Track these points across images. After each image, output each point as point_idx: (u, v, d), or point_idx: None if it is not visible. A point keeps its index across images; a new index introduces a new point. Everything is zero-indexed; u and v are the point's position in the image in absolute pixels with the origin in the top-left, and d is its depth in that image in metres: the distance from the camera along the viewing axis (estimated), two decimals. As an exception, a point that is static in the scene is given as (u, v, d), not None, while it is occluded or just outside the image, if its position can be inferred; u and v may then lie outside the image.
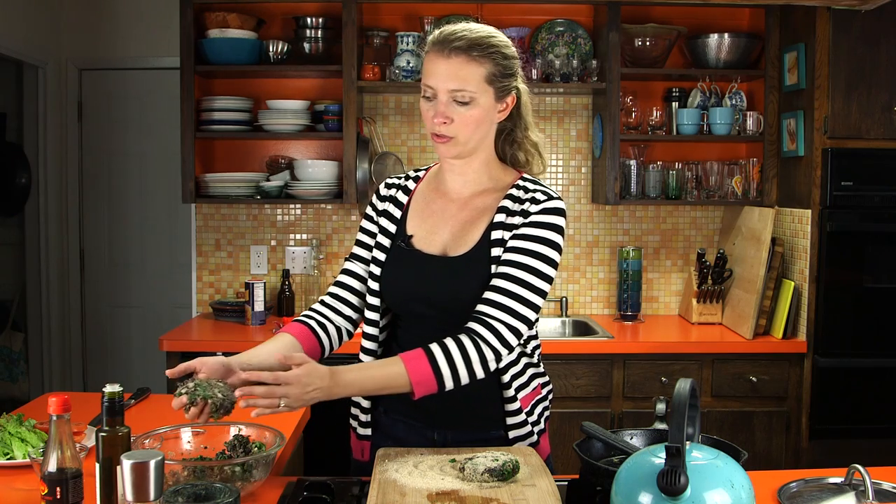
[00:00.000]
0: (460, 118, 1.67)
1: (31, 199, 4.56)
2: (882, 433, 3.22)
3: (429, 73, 1.68)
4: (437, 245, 1.76)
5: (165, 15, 4.17)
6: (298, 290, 3.78)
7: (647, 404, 3.21)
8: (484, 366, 1.61)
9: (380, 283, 1.78)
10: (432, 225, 1.78)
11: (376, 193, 1.88)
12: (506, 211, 1.72)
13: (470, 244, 1.72)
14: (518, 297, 1.64)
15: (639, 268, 3.68)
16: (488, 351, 1.61)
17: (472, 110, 1.67)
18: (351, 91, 3.48)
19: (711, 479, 1.20)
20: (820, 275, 3.23)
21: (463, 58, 1.65)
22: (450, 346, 1.60)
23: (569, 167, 3.85)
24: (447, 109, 1.66)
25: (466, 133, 1.68)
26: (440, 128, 1.67)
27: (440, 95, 1.66)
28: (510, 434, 1.75)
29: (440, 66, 1.66)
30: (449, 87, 1.65)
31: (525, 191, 1.74)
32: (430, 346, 1.60)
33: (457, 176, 1.78)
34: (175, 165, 3.94)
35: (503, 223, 1.71)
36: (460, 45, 1.65)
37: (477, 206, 1.76)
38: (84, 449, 1.65)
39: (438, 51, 1.66)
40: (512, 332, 1.63)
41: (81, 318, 4.66)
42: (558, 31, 3.70)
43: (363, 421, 1.83)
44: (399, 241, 1.78)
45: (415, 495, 1.38)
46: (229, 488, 1.32)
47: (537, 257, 1.66)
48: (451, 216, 1.77)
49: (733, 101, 3.61)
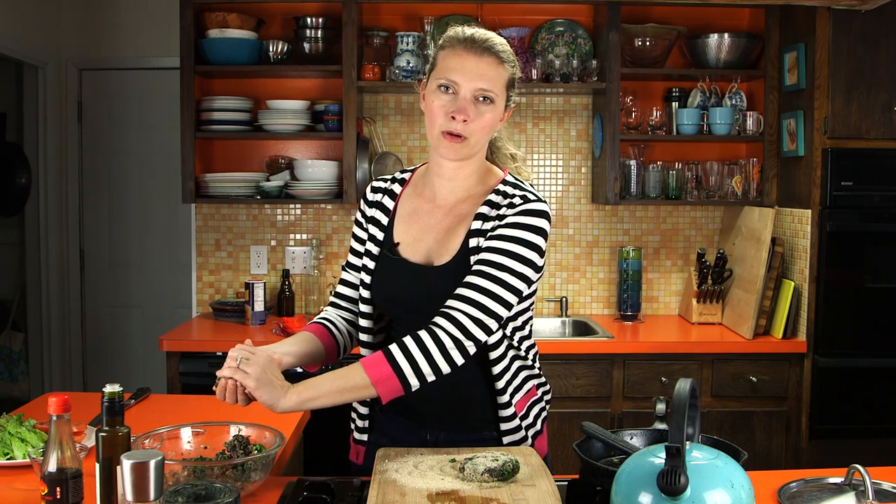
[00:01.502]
0: (479, 119, 1.66)
1: (31, 199, 4.56)
2: (882, 433, 3.22)
3: (454, 68, 1.66)
4: (422, 253, 1.74)
5: (165, 15, 4.17)
6: (298, 290, 3.78)
7: (647, 404, 3.21)
8: (446, 356, 1.56)
9: (370, 290, 1.77)
10: (418, 231, 1.77)
11: (363, 198, 1.87)
12: (482, 217, 1.69)
13: (451, 252, 1.71)
14: (484, 290, 1.60)
15: (639, 268, 3.68)
16: (447, 340, 1.56)
17: (490, 112, 1.67)
18: (351, 91, 3.48)
19: (711, 479, 1.20)
20: (820, 275, 3.23)
21: (494, 59, 1.66)
22: (407, 342, 1.56)
23: (569, 167, 3.85)
24: (469, 107, 1.65)
25: (479, 135, 1.68)
26: (458, 125, 1.65)
27: (463, 92, 1.65)
28: (504, 439, 1.75)
29: (469, 62, 1.65)
30: (478, 85, 1.65)
31: (504, 195, 1.71)
32: (388, 346, 1.58)
33: (447, 181, 1.75)
34: (175, 165, 3.94)
35: (479, 230, 1.69)
36: (492, 48, 1.66)
37: (459, 212, 1.75)
38: (84, 449, 1.65)
39: (468, 48, 1.66)
40: (476, 324, 1.58)
41: (81, 318, 4.66)
42: (558, 31, 3.70)
43: (360, 426, 1.83)
44: (386, 250, 1.77)
45: (415, 495, 1.38)
46: (229, 488, 1.32)
47: (508, 255, 1.62)
48: (437, 223, 1.76)
49: (733, 101, 3.61)
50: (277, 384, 1.52)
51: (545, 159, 3.85)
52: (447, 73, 1.66)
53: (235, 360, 1.52)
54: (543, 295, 3.85)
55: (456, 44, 1.67)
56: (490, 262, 1.62)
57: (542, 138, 3.84)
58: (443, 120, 1.66)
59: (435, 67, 1.70)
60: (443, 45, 1.70)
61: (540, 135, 3.84)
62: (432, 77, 1.70)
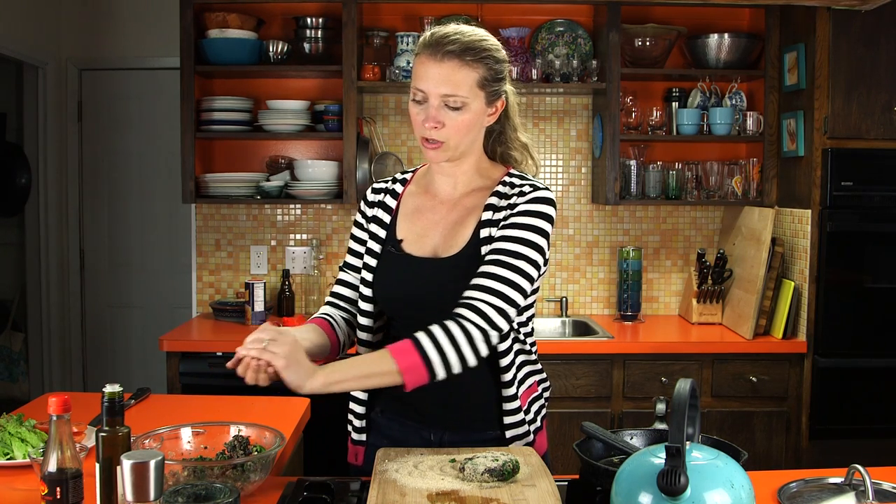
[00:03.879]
0: (451, 123, 1.65)
1: (31, 199, 4.56)
2: (882, 433, 3.22)
3: (419, 76, 1.66)
4: (428, 247, 1.75)
5: (165, 15, 4.17)
6: (298, 290, 3.78)
7: (647, 404, 3.21)
8: (473, 348, 1.58)
9: (372, 288, 1.77)
10: (422, 227, 1.77)
11: (364, 200, 1.87)
12: (493, 208, 1.71)
13: (460, 244, 1.71)
14: (504, 279, 1.61)
15: (639, 268, 3.68)
16: (475, 331, 1.57)
17: (463, 115, 1.65)
18: (351, 91, 3.48)
19: (711, 479, 1.20)
20: (820, 275, 3.23)
21: (455, 62, 1.63)
22: (435, 331, 1.57)
23: (569, 167, 3.85)
24: (438, 114, 1.64)
25: (457, 138, 1.67)
26: (431, 132, 1.66)
27: (431, 100, 1.65)
28: (507, 433, 1.75)
29: (432, 69, 1.63)
30: (441, 91, 1.63)
31: (512, 186, 1.73)
32: (415, 335, 1.58)
33: (447, 178, 1.78)
34: (175, 165, 3.94)
35: (490, 220, 1.70)
36: (453, 50, 1.63)
37: (466, 205, 1.76)
38: (84, 449, 1.65)
39: (430, 54, 1.64)
40: (499, 314, 1.60)
41: (81, 318, 4.66)
42: (558, 31, 3.70)
43: (358, 426, 1.83)
44: (389, 246, 1.77)
45: (415, 495, 1.38)
46: (229, 488, 1.32)
47: (522, 243, 1.64)
48: (442, 218, 1.77)
49: (733, 101, 3.61)
50: (305, 365, 1.52)
51: (545, 159, 3.85)
52: (416, 81, 1.67)
53: (262, 340, 1.50)
54: (543, 295, 3.85)
55: (422, 49, 1.67)
56: (507, 252, 1.63)
57: (542, 138, 3.84)
58: (419, 128, 1.68)
59: (411, 75, 1.71)
60: (416, 50, 1.70)
61: (540, 135, 3.84)
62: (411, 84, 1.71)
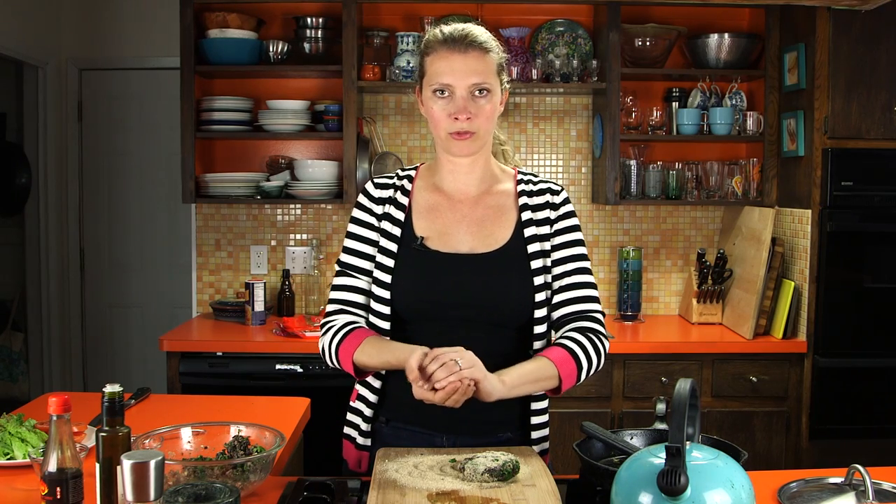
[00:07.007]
0: (480, 112, 1.68)
1: (31, 199, 4.56)
2: (882, 433, 3.22)
3: (442, 71, 1.66)
4: (456, 244, 1.73)
5: (165, 15, 4.17)
6: (298, 290, 3.78)
7: (647, 404, 3.21)
8: (600, 359, 1.72)
9: (391, 290, 1.71)
10: (443, 225, 1.75)
11: (368, 197, 1.79)
12: (528, 207, 1.77)
13: (500, 241, 1.74)
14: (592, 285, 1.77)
15: (639, 268, 3.68)
16: (606, 343, 1.74)
17: (490, 103, 1.69)
18: (351, 91, 3.48)
19: (711, 479, 1.20)
20: (820, 275, 3.23)
21: (478, 51, 1.68)
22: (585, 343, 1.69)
23: (569, 167, 3.85)
24: (469, 104, 1.66)
25: (486, 126, 1.71)
26: (463, 124, 1.66)
27: (459, 91, 1.66)
28: (533, 434, 1.75)
29: (457, 62, 1.66)
30: (470, 81, 1.66)
31: (532, 183, 1.80)
32: (564, 343, 1.68)
33: (464, 175, 1.77)
34: (175, 165, 3.94)
35: (532, 220, 1.75)
36: (474, 40, 1.67)
37: (490, 203, 1.77)
38: (84, 449, 1.65)
39: (453, 48, 1.67)
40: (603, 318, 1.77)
41: (81, 318, 4.66)
42: (558, 31, 3.70)
43: (364, 430, 1.78)
44: (412, 245, 1.73)
45: (415, 495, 1.38)
46: (229, 488, 1.32)
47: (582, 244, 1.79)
48: (464, 216, 1.76)
49: (733, 101, 3.61)
50: (489, 374, 1.57)
51: (545, 159, 3.85)
52: (438, 77, 1.67)
53: (455, 363, 1.52)
54: (543, 295, 3.85)
55: (439, 46, 1.68)
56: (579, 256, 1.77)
57: (542, 138, 3.84)
58: (446, 123, 1.68)
59: (425, 74, 1.71)
60: (426, 50, 1.71)
61: (540, 135, 3.84)
62: (425, 84, 1.71)
